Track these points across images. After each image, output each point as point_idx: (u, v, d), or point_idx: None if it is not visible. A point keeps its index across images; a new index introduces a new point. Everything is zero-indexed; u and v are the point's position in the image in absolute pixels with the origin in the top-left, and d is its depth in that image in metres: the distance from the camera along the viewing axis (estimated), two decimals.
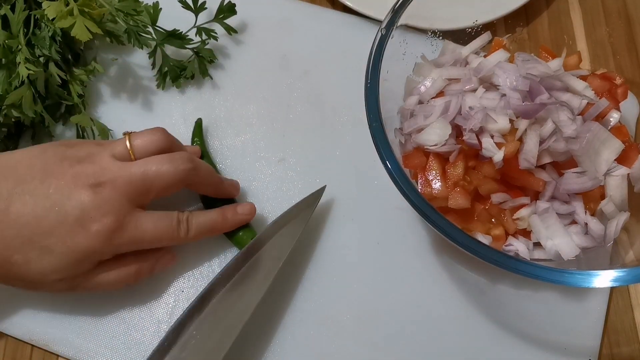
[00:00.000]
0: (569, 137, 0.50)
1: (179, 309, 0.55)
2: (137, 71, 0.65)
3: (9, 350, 0.55)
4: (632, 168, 0.52)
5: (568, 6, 0.67)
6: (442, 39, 0.60)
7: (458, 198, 0.51)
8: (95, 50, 0.65)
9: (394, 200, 0.57)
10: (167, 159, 0.50)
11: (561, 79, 0.53)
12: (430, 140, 0.52)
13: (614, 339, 0.55)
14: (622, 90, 0.56)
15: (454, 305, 0.55)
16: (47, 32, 0.57)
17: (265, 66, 0.65)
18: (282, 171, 0.60)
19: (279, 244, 0.54)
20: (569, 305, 0.55)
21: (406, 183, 0.47)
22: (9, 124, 0.58)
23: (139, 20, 0.59)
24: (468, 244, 0.45)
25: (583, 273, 0.44)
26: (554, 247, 0.50)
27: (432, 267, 0.57)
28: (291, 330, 0.54)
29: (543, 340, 0.54)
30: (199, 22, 0.62)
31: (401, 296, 0.56)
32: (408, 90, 0.57)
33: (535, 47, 0.64)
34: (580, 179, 0.51)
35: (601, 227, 0.51)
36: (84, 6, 0.54)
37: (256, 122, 0.63)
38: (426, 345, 0.54)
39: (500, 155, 0.50)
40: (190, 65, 0.63)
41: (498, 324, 0.55)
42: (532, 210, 0.52)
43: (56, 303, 0.55)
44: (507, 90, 0.51)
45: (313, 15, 0.68)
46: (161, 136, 0.52)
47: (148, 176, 0.49)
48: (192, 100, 0.64)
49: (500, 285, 0.56)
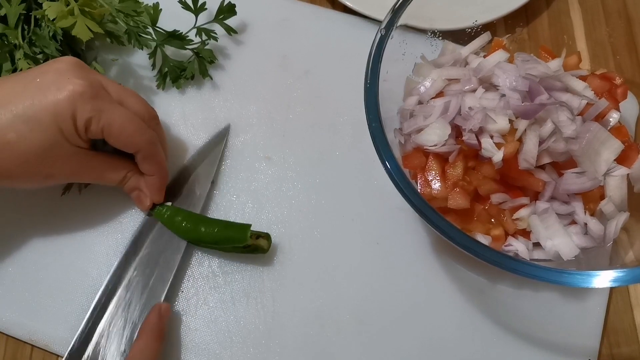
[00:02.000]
0: (568, 137, 0.50)
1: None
2: (137, 71, 0.65)
3: (9, 350, 0.55)
4: (631, 168, 0.52)
5: (568, 6, 0.67)
6: (442, 39, 0.60)
7: (458, 198, 0.51)
8: (95, 50, 0.65)
9: (394, 200, 0.57)
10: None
11: (561, 79, 0.53)
12: (430, 140, 0.52)
13: (613, 339, 0.55)
14: (622, 90, 0.55)
15: (454, 305, 0.55)
16: (47, 32, 0.57)
17: (265, 66, 0.65)
18: (282, 171, 0.61)
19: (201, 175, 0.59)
20: (569, 305, 0.55)
21: (406, 183, 0.47)
22: None
23: (139, 21, 0.59)
24: (467, 244, 0.46)
25: (583, 273, 0.44)
26: (554, 248, 0.50)
27: (432, 267, 0.57)
28: (291, 330, 0.55)
29: (543, 340, 0.54)
30: (199, 23, 0.63)
31: (401, 296, 0.56)
32: (408, 91, 0.57)
33: (535, 47, 0.64)
34: (580, 179, 0.51)
35: (601, 228, 0.51)
36: (84, 6, 0.55)
37: (256, 122, 0.63)
38: (426, 345, 0.54)
39: (499, 155, 0.50)
40: (190, 65, 0.63)
41: (498, 324, 0.55)
42: (532, 211, 0.52)
43: (57, 303, 0.55)
44: (506, 91, 0.51)
45: (313, 15, 0.68)
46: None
47: (127, 92, 0.54)
48: (192, 100, 0.64)
49: (500, 285, 0.56)
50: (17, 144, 0.48)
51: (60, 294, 0.55)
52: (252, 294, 0.56)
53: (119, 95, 0.52)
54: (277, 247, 0.57)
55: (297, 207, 0.59)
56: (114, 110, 0.51)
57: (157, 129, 0.56)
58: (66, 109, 0.48)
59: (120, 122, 0.51)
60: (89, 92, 0.49)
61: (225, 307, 0.55)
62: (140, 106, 0.54)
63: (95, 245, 0.57)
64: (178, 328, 0.54)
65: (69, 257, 0.57)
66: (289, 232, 0.58)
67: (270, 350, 0.54)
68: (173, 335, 0.54)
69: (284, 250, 0.57)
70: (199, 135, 0.62)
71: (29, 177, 0.50)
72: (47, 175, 0.51)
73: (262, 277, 0.56)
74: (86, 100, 0.49)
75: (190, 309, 0.55)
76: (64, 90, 0.48)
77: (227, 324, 0.55)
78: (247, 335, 0.54)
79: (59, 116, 0.48)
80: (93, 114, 0.49)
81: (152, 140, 0.53)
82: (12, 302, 0.55)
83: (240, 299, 0.55)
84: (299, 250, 0.57)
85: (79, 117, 0.49)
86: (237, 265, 0.57)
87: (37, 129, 0.48)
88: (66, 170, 0.52)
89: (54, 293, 0.55)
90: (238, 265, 0.57)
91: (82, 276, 0.56)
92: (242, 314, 0.55)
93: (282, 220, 0.58)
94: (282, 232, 0.58)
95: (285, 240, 0.57)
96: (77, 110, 0.49)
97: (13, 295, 0.55)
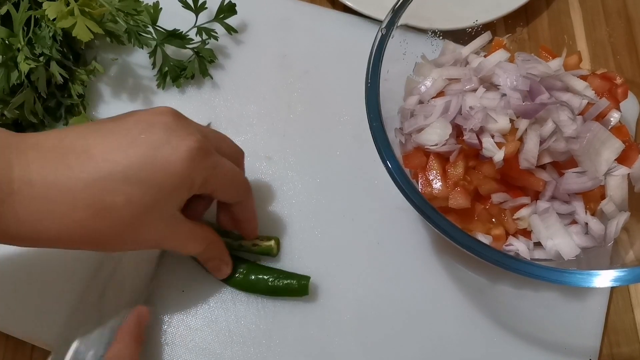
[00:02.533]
0: (569, 137, 0.50)
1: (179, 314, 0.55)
2: (137, 71, 0.65)
3: (9, 350, 0.55)
4: (632, 168, 0.52)
5: (568, 6, 0.67)
6: (442, 39, 0.60)
7: (458, 198, 0.51)
8: (95, 50, 0.65)
9: (394, 200, 0.57)
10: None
11: (561, 79, 0.53)
12: (431, 140, 0.52)
13: (614, 339, 0.55)
14: (622, 90, 0.56)
15: (454, 305, 0.55)
16: (47, 32, 0.57)
17: (265, 66, 0.65)
18: (282, 171, 0.60)
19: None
20: (569, 305, 0.55)
21: (406, 183, 0.47)
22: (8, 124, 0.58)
23: (139, 20, 0.59)
24: (468, 243, 0.46)
25: (583, 273, 0.45)
26: (554, 247, 0.50)
27: (432, 267, 0.57)
28: (291, 331, 0.54)
29: (543, 340, 0.54)
30: (200, 22, 0.62)
31: (401, 296, 0.56)
32: (408, 90, 0.57)
33: (535, 47, 0.64)
34: (581, 179, 0.51)
35: (601, 227, 0.51)
36: (84, 6, 0.54)
37: (256, 122, 0.63)
38: (426, 345, 0.54)
39: (500, 155, 0.50)
40: (190, 65, 0.63)
41: (498, 324, 0.55)
42: (533, 210, 0.52)
43: (57, 303, 0.55)
44: (507, 90, 0.51)
45: (313, 15, 0.68)
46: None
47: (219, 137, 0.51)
48: (192, 100, 0.64)
49: (500, 285, 0.56)
50: (124, 209, 0.43)
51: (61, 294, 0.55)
52: (252, 294, 0.56)
53: (216, 143, 0.49)
54: (278, 248, 0.57)
55: (297, 207, 0.59)
56: (224, 164, 0.48)
57: (243, 166, 0.53)
58: (186, 169, 0.44)
59: (231, 175, 0.48)
60: (203, 147, 0.45)
61: (226, 307, 0.55)
62: (233, 148, 0.52)
63: None
64: (178, 328, 0.54)
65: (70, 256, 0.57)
66: (289, 232, 0.58)
67: (270, 350, 0.54)
68: (173, 335, 0.54)
69: (284, 250, 0.57)
70: None
71: (120, 243, 0.46)
72: (134, 241, 0.46)
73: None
74: (202, 157, 0.45)
75: (190, 309, 0.55)
76: (180, 149, 0.44)
77: (227, 324, 0.55)
78: (247, 335, 0.54)
79: (176, 177, 0.44)
80: (210, 172, 0.46)
81: (250, 187, 0.52)
82: (13, 302, 0.55)
83: (240, 298, 0.55)
84: (298, 250, 0.57)
85: (197, 176, 0.45)
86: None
87: (150, 192, 0.43)
88: (155, 237, 0.46)
89: (54, 293, 0.55)
90: None
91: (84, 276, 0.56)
92: (243, 314, 0.55)
93: (282, 220, 0.58)
94: (282, 232, 0.58)
95: (285, 240, 0.57)
96: (196, 169, 0.45)
97: (13, 295, 0.55)
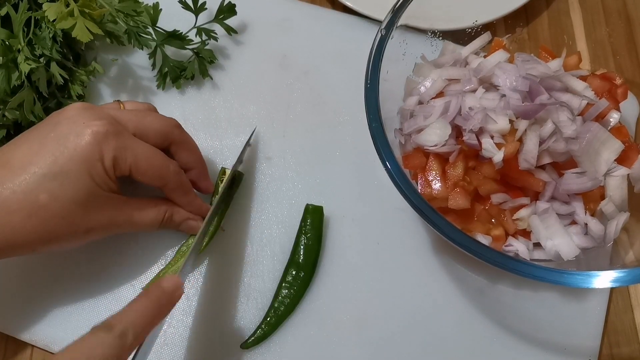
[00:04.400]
0: (568, 137, 0.50)
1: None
2: (137, 71, 0.65)
3: (10, 351, 0.55)
4: (632, 168, 0.52)
5: (568, 6, 0.67)
6: (442, 39, 0.60)
7: (458, 198, 0.51)
8: (95, 50, 0.65)
9: (394, 201, 0.57)
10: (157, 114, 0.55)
11: (561, 79, 0.53)
12: (430, 140, 0.52)
13: (614, 339, 0.55)
14: (622, 90, 0.56)
15: (454, 305, 0.55)
16: (47, 33, 0.57)
17: (265, 66, 0.65)
18: (282, 171, 0.61)
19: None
20: (569, 305, 0.55)
21: (406, 183, 0.47)
22: (8, 125, 0.58)
23: (139, 21, 0.59)
24: (467, 244, 0.46)
25: (583, 274, 0.45)
26: (554, 248, 0.50)
27: (432, 267, 0.57)
28: (291, 331, 0.55)
29: (543, 340, 0.54)
30: (199, 23, 0.62)
31: (401, 296, 0.56)
32: (408, 91, 0.57)
33: (535, 47, 0.64)
34: (580, 179, 0.51)
35: (601, 228, 0.51)
36: (84, 7, 0.54)
37: (256, 122, 0.63)
38: (426, 345, 0.54)
39: (500, 155, 0.50)
40: (190, 65, 0.63)
41: (498, 324, 0.55)
42: (532, 211, 0.52)
43: (57, 303, 0.55)
44: (507, 91, 0.51)
45: (313, 15, 0.68)
46: (150, 105, 0.56)
47: (140, 115, 0.52)
48: (192, 100, 0.64)
49: (500, 286, 0.56)
50: (51, 204, 0.46)
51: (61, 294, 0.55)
52: (252, 294, 0.56)
53: (136, 123, 0.51)
54: (278, 248, 0.57)
55: (297, 207, 0.59)
56: (138, 145, 0.50)
57: (182, 135, 0.54)
58: (92, 152, 0.47)
59: (146, 156, 0.50)
60: (110, 130, 0.48)
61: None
62: (160, 120, 0.53)
63: (97, 244, 0.57)
64: (178, 327, 0.54)
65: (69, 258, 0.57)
66: (289, 233, 0.58)
67: (270, 351, 0.54)
68: (173, 335, 0.54)
69: (284, 250, 0.57)
70: (199, 135, 0.62)
71: (70, 235, 0.48)
72: (87, 229, 0.49)
73: (263, 277, 0.56)
74: (109, 139, 0.48)
75: (190, 309, 0.55)
76: (84, 135, 0.47)
77: (227, 324, 0.55)
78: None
79: (86, 162, 0.47)
80: (119, 152, 0.48)
81: (177, 169, 0.53)
82: (13, 302, 0.55)
83: (240, 298, 0.55)
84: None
85: (105, 157, 0.48)
86: None
87: (68, 182, 0.46)
88: (104, 220, 0.50)
89: (54, 293, 0.55)
90: None
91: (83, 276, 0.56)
92: (243, 314, 0.55)
93: (282, 221, 0.58)
94: (283, 232, 0.58)
95: (285, 240, 0.57)
96: (103, 151, 0.47)
97: (13, 295, 0.55)
